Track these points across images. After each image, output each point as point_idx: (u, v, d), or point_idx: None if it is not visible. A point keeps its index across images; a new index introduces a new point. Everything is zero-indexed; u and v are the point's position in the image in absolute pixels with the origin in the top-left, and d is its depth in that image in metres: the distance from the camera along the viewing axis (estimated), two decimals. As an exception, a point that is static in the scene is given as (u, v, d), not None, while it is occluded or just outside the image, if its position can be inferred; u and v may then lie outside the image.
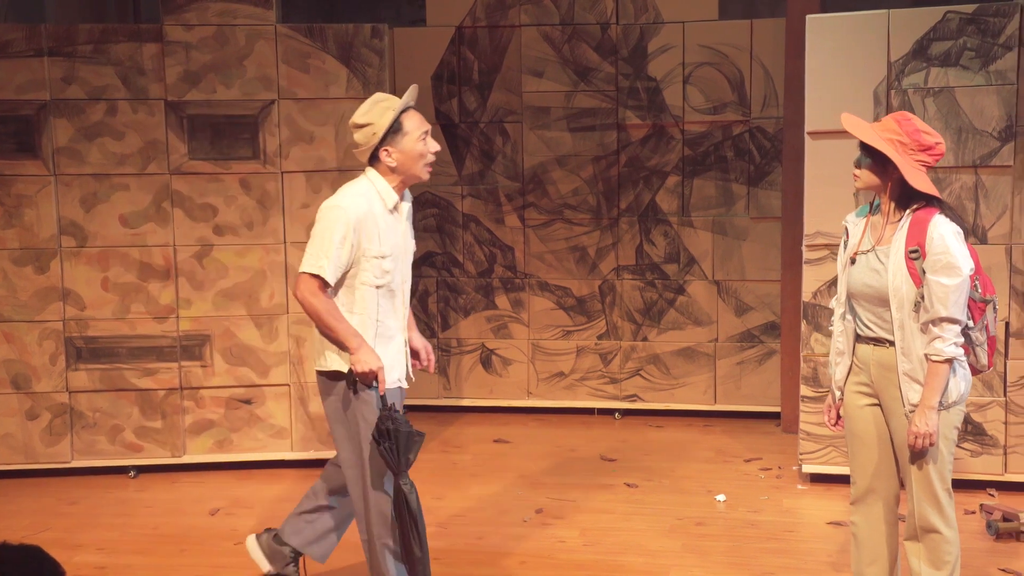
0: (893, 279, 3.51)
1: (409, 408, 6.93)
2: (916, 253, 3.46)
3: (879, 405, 3.68)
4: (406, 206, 3.96)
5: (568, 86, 6.72)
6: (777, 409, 6.57)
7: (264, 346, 5.83)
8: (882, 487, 3.72)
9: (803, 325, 5.51)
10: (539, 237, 6.90)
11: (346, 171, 5.75)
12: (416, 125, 3.82)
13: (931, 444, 3.49)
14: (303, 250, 5.68)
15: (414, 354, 4.17)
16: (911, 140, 3.49)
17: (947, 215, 3.51)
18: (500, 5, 6.76)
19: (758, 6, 7.62)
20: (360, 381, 3.78)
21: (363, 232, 3.77)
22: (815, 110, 5.32)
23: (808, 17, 5.38)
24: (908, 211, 3.53)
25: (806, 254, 5.45)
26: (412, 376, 4.08)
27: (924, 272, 3.45)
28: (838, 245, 5.32)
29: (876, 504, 3.74)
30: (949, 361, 3.45)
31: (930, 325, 3.45)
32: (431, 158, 3.87)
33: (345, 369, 3.82)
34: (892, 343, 3.56)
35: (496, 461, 6.06)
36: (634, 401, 6.90)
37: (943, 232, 3.45)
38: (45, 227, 5.67)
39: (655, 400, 6.87)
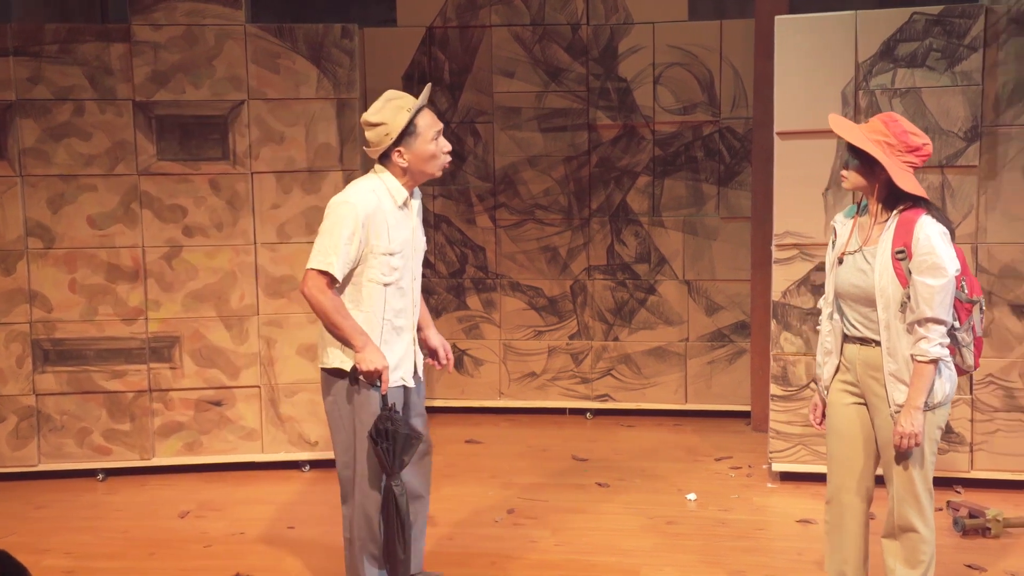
0: (879, 279, 3.53)
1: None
2: (902, 254, 3.48)
3: (863, 404, 3.70)
4: (416, 203, 3.95)
5: (539, 86, 6.73)
6: (747, 408, 6.61)
7: (234, 347, 5.80)
8: (857, 486, 3.74)
9: (773, 324, 5.54)
10: (510, 237, 6.90)
11: (316, 171, 5.73)
12: (429, 125, 3.81)
13: (916, 444, 3.51)
14: (273, 251, 5.75)
15: (432, 353, 4.15)
16: (898, 141, 3.51)
17: (934, 216, 3.53)
18: (471, 5, 6.76)
19: (727, 7, 7.65)
20: (364, 379, 3.76)
21: (372, 228, 3.76)
22: (784, 110, 5.36)
23: (777, 18, 5.41)
24: (895, 212, 3.55)
25: (775, 254, 5.48)
26: (421, 375, 4.03)
27: (910, 272, 3.47)
28: (807, 245, 5.39)
29: (850, 502, 3.76)
30: (934, 362, 3.47)
31: (916, 326, 3.47)
32: (444, 157, 3.86)
33: (347, 367, 3.80)
34: (878, 343, 3.58)
35: (468, 461, 6.06)
36: (605, 401, 6.92)
37: (929, 233, 3.46)
38: (11, 228, 5.61)
39: (626, 400, 6.89)
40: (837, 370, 3.75)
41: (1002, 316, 5.25)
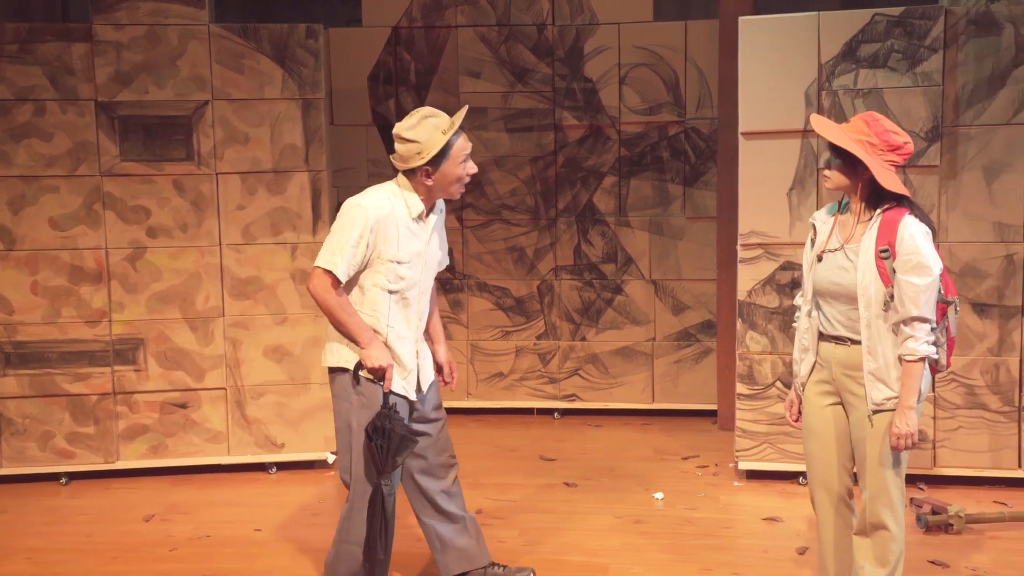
0: (862, 278, 3.55)
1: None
2: (886, 252, 3.50)
3: (840, 403, 3.73)
4: (435, 217, 3.94)
5: (505, 87, 6.74)
6: (714, 407, 6.65)
7: (200, 349, 5.75)
8: (836, 484, 3.77)
9: (738, 323, 5.57)
10: (477, 238, 6.90)
11: (282, 172, 5.70)
12: (461, 148, 3.81)
13: (913, 444, 3.52)
14: (239, 252, 5.72)
15: (439, 369, 4.13)
16: (880, 140, 3.53)
17: (917, 215, 3.55)
18: (436, 6, 6.75)
19: (692, 8, 7.69)
20: (371, 376, 3.77)
21: (380, 234, 3.76)
22: (748, 111, 5.39)
23: (740, 19, 5.45)
24: (878, 211, 3.57)
25: (741, 253, 5.52)
26: (423, 389, 4.00)
27: (894, 271, 3.49)
28: (772, 244, 5.43)
29: (831, 500, 3.79)
30: (923, 360, 3.49)
31: (902, 325, 3.49)
32: (467, 179, 3.86)
33: (348, 365, 3.81)
34: (856, 341, 3.60)
35: (436, 462, 6.04)
36: (573, 401, 6.93)
37: (913, 232, 3.49)
38: (-29, 230, 5.55)
39: (594, 399, 6.91)
40: (813, 367, 3.78)
41: (963, 314, 5.32)
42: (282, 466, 5.91)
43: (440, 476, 4.14)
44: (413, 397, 3.94)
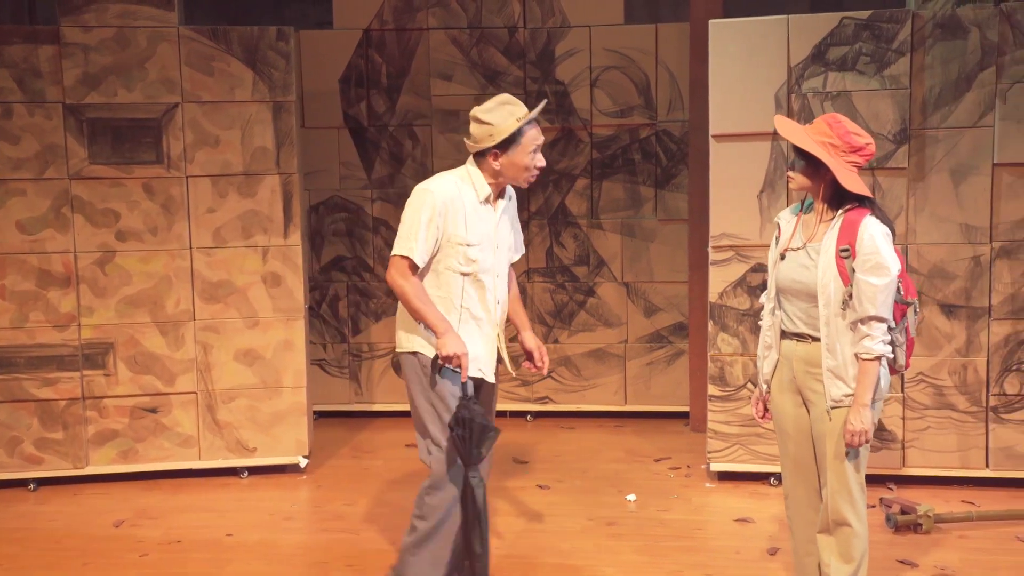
0: (822, 276, 3.59)
1: (320, 414, 6.89)
2: (847, 252, 3.55)
3: (803, 400, 3.77)
4: (504, 203, 3.97)
5: (477, 89, 6.73)
6: (686, 408, 6.67)
7: (170, 353, 5.72)
8: (809, 480, 3.82)
9: (710, 325, 5.60)
10: (449, 240, 6.88)
11: (253, 175, 5.68)
12: (532, 138, 3.86)
13: (867, 441, 3.57)
14: (209, 255, 5.68)
15: (528, 355, 4.15)
16: (842, 142, 3.58)
17: (877, 216, 3.60)
18: (407, 8, 6.74)
19: (662, 10, 7.72)
20: (445, 364, 3.81)
21: (448, 216, 3.82)
22: (719, 113, 5.42)
23: (711, 22, 5.47)
24: (840, 211, 3.62)
25: (712, 255, 5.54)
26: (494, 376, 4.02)
27: (853, 271, 3.54)
28: (743, 246, 5.46)
29: (805, 497, 3.84)
30: (878, 359, 3.54)
31: (859, 324, 3.53)
32: (536, 171, 3.90)
33: (421, 350, 3.89)
34: (816, 338, 3.65)
35: (409, 466, 6.03)
36: (545, 403, 6.93)
37: (873, 233, 3.53)
38: (-63, 234, 5.49)
39: (566, 402, 6.92)
40: (776, 365, 3.81)
41: (931, 316, 5.37)
42: (254, 470, 5.87)
43: None
44: (491, 378, 4.00)
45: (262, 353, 5.78)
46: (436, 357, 3.84)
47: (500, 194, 3.98)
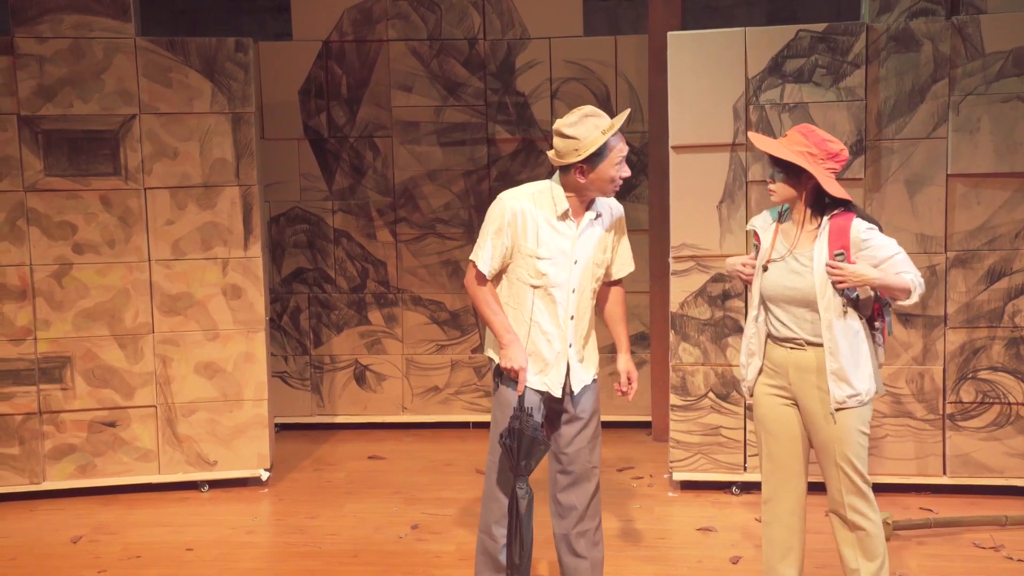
0: (820, 283, 3.67)
1: (281, 427, 6.84)
2: (841, 255, 3.65)
3: (795, 405, 3.82)
4: (588, 216, 3.86)
5: (437, 101, 6.74)
6: (648, 418, 6.70)
7: (128, 367, 5.66)
8: (794, 484, 3.88)
9: (671, 335, 5.63)
10: (411, 252, 6.88)
11: (212, 187, 5.64)
12: (619, 150, 3.77)
13: (841, 282, 3.61)
14: (168, 267, 5.64)
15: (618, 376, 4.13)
16: (820, 150, 3.68)
17: (863, 217, 3.72)
18: (367, 20, 6.73)
19: (621, 23, 7.77)
20: (506, 375, 3.85)
21: (519, 227, 3.81)
22: (678, 125, 5.46)
23: (669, 34, 5.51)
24: (825, 217, 3.71)
25: (673, 265, 5.58)
26: (574, 391, 3.95)
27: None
28: (703, 256, 5.50)
29: (788, 501, 3.89)
30: (909, 290, 3.64)
31: (900, 273, 3.64)
32: (620, 182, 3.83)
33: (491, 356, 3.94)
34: (810, 343, 3.72)
35: (371, 478, 6.01)
36: (508, 413, 6.92)
37: (865, 228, 3.67)
38: None
39: (529, 412, 6.91)
40: (761, 372, 3.87)
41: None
42: (214, 484, 5.82)
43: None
44: (557, 393, 3.92)
45: (223, 366, 5.74)
46: (498, 366, 3.89)
47: (588, 207, 3.88)
